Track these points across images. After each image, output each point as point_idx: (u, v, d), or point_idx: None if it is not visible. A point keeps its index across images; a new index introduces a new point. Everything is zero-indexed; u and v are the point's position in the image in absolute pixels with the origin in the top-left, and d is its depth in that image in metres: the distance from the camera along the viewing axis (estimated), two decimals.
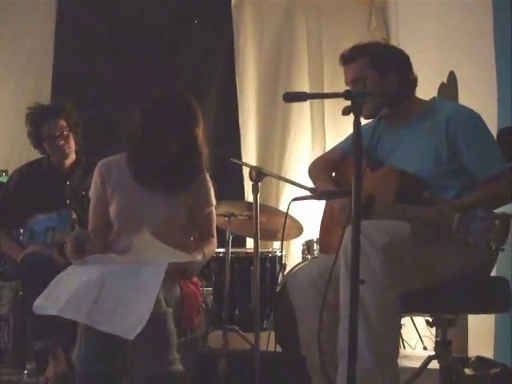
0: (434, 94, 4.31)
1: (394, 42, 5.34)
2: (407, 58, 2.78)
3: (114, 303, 2.51)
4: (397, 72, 2.70)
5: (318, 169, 3.08)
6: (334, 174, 3.03)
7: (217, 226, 3.17)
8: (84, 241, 2.74)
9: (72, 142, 3.81)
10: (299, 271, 2.78)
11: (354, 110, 2.12)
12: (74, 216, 3.66)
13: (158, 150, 2.92)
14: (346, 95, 2.15)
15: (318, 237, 3.12)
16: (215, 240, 3.10)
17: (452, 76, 4.11)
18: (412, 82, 2.79)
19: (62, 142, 3.76)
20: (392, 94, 2.68)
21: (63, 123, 3.77)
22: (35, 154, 3.95)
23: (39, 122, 3.75)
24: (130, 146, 2.98)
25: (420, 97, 2.84)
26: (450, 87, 4.11)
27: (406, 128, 2.75)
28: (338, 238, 2.34)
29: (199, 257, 2.91)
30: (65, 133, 3.76)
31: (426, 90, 4.16)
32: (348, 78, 2.76)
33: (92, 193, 3.06)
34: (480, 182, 2.59)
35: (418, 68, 2.87)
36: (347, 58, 2.76)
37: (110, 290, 2.53)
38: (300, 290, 2.68)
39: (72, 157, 3.85)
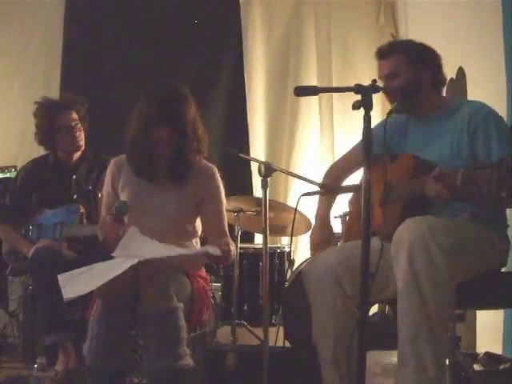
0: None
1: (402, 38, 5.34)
2: (440, 58, 2.84)
3: (80, 272, 2.68)
4: (430, 70, 2.77)
5: (329, 169, 3.19)
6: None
7: None
8: (124, 212, 2.81)
9: (83, 135, 3.82)
10: (317, 258, 2.75)
11: (365, 104, 2.13)
12: (82, 210, 3.68)
13: (151, 149, 2.91)
14: (356, 89, 2.16)
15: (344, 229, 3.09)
16: (229, 239, 3.02)
17: (461, 72, 4.10)
18: (442, 81, 2.87)
19: (77, 133, 3.77)
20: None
21: (75, 116, 3.78)
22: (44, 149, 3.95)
23: (53, 113, 3.74)
24: (126, 147, 2.99)
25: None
26: (458, 83, 4.10)
27: (433, 124, 2.78)
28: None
29: (215, 251, 2.79)
30: (78, 125, 3.78)
31: None
32: (382, 72, 2.80)
33: (104, 189, 3.09)
34: None
35: None
36: (384, 53, 2.81)
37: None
38: (317, 277, 2.65)
39: (80, 151, 3.85)
